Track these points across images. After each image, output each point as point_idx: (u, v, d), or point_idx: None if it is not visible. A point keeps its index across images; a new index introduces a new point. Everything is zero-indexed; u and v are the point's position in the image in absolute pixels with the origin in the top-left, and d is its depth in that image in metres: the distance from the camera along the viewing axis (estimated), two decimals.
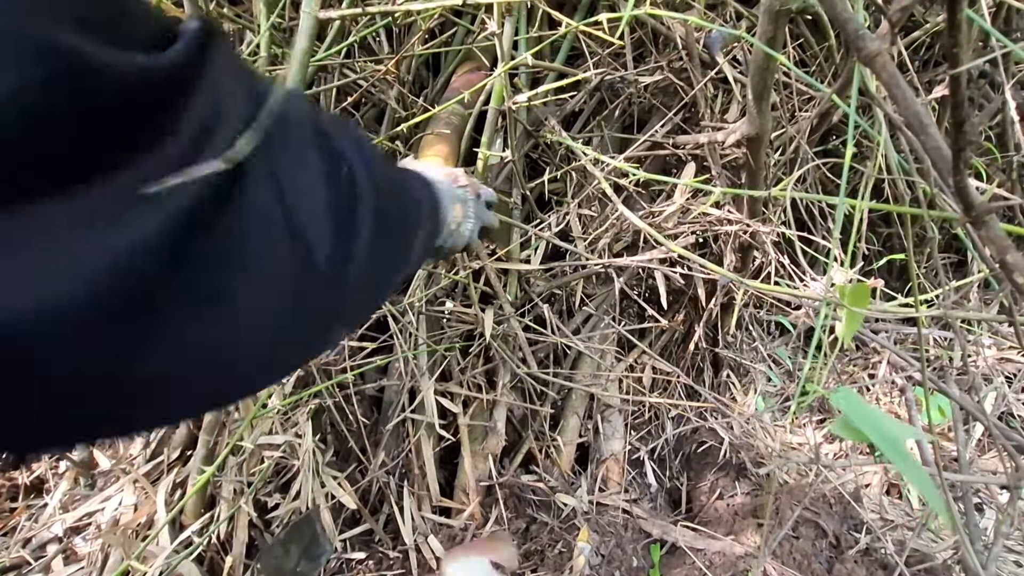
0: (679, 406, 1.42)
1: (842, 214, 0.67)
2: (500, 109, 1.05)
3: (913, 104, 0.35)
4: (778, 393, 1.59)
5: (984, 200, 0.35)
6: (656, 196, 1.34)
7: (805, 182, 1.45)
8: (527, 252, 1.30)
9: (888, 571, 1.10)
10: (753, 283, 0.88)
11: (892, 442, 0.45)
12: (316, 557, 0.86)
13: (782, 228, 1.26)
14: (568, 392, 1.39)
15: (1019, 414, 1.49)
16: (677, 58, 1.28)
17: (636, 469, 1.41)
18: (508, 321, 1.21)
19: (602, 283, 1.37)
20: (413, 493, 1.24)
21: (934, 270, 1.76)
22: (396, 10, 0.96)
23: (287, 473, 1.19)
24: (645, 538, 1.27)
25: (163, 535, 1.10)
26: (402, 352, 1.21)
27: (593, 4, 1.34)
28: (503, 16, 0.96)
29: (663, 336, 1.47)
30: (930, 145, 0.35)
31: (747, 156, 1.10)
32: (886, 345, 1.34)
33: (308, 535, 0.86)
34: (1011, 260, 0.35)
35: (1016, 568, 1.18)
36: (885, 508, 1.31)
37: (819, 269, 1.54)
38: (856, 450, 1.44)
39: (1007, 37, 0.87)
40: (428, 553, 1.18)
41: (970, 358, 1.61)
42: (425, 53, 1.19)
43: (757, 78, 0.92)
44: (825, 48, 1.35)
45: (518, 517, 1.27)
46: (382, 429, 1.26)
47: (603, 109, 1.37)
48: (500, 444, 1.30)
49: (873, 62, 0.35)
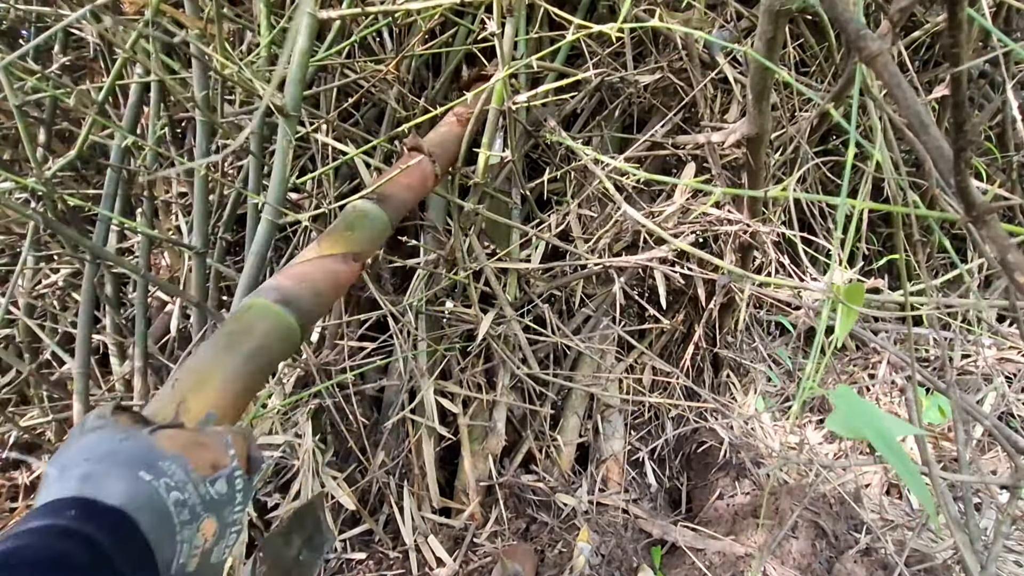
0: (679, 406, 1.42)
1: (843, 214, 0.67)
2: (500, 109, 1.05)
3: (914, 104, 0.35)
4: (778, 393, 1.58)
5: (985, 200, 0.35)
6: (656, 196, 1.34)
7: (805, 182, 1.45)
8: (527, 252, 1.30)
9: (888, 571, 1.10)
10: (757, 277, 0.88)
11: (887, 438, 0.45)
12: (318, 547, 0.86)
13: (782, 228, 1.26)
14: (568, 392, 1.39)
15: (1019, 414, 1.49)
16: (677, 58, 1.28)
17: (636, 469, 1.41)
18: (508, 322, 1.21)
19: (602, 283, 1.37)
20: (413, 493, 1.24)
21: (933, 269, 1.76)
22: (396, 10, 0.96)
23: (287, 473, 1.19)
24: (645, 538, 1.27)
25: None
26: (402, 352, 1.21)
27: (593, 4, 1.34)
28: (503, 16, 0.96)
29: (663, 336, 1.47)
30: (931, 145, 0.35)
31: (747, 156, 1.10)
32: (885, 345, 1.34)
33: (311, 524, 0.86)
34: (1012, 259, 0.35)
35: (1016, 568, 1.18)
36: (885, 508, 1.30)
37: (820, 269, 1.54)
38: (856, 450, 1.44)
39: (1007, 36, 0.87)
40: (428, 553, 1.18)
41: (969, 358, 1.62)
42: (425, 53, 1.19)
43: (757, 78, 0.92)
44: (825, 48, 1.35)
45: (518, 517, 1.27)
46: (382, 429, 1.26)
47: (603, 109, 1.37)
48: (500, 444, 1.30)
49: (874, 62, 0.35)
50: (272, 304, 0.60)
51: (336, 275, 0.69)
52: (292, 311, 0.60)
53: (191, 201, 1.15)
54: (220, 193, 1.15)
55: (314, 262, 0.68)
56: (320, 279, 0.66)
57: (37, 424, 1.29)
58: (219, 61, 0.87)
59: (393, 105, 1.18)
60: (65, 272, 1.36)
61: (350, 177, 1.27)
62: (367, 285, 1.19)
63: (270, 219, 0.88)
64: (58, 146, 1.29)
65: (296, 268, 0.67)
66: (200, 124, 1.05)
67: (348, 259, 0.70)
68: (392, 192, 0.83)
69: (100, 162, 1.29)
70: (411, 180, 0.87)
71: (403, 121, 1.12)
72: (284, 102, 0.85)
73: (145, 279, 1.14)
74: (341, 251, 0.70)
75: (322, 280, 0.67)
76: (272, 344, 0.58)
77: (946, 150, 0.35)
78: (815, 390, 0.59)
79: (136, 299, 1.17)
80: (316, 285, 0.65)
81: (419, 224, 1.30)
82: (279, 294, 0.61)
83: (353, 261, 0.71)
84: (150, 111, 1.13)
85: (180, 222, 1.33)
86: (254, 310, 0.59)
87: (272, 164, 0.88)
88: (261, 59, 0.98)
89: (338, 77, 1.16)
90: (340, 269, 0.69)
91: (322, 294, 0.66)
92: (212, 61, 0.89)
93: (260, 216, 0.89)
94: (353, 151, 1.05)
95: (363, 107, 1.31)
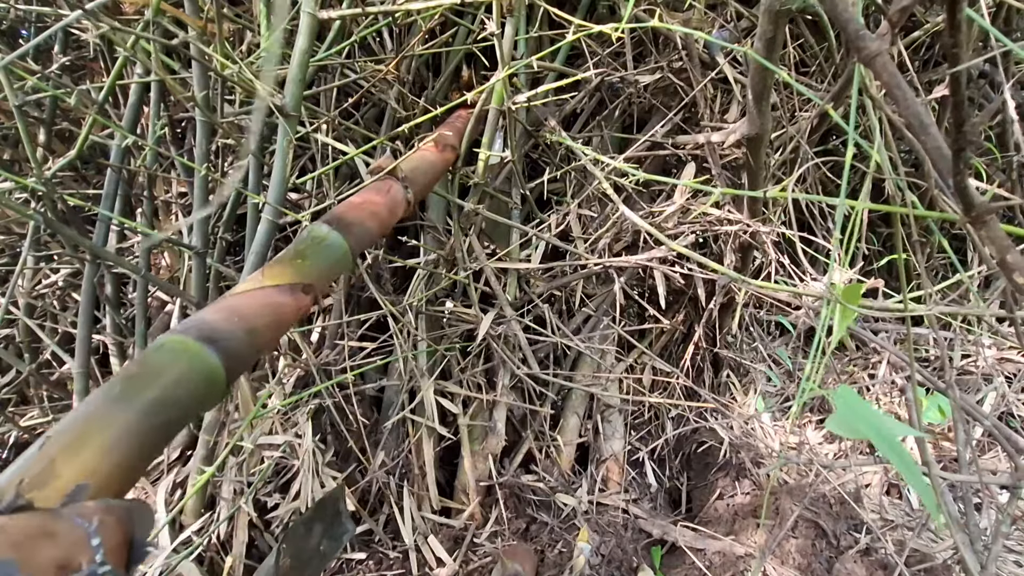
0: (679, 406, 1.42)
1: (842, 214, 0.67)
2: (500, 109, 1.05)
3: (913, 104, 0.35)
4: (778, 393, 1.58)
5: (985, 200, 0.35)
6: (656, 196, 1.33)
7: (805, 182, 1.45)
8: (527, 252, 1.30)
9: (888, 571, 1.10)
10: (754, 282, 0.88)
11: (887, 438, 0.45)
12: (338, 536, 0.87)
13: (782, 228, 1.26)
14: (568, 392, 1.39)
15: (1019, 414, 1.49)
16: (677, 58, 1.28)
17: (636, 469, 1.41)
18: (508, 322, 1.21)
19: (602, 283, 1.37)
20: (413, 493, 1.24)
21: (933, 270, 1.76)
22: (397, 10, 0.96)
23: (287, 473, 1.19)
24: (645, 538, 1.27)
25: (163, 535, 1.09)
26: (402, 352, 1.21)
27: (593, 4, 1.34)
28: (503, 16, 0.96)
29: (663, 336, 1.47)
30: (930, 145, 0.35)
31: (747, 156, 1.10)
32: (885, 345, 1.34)
33: (331, 514, 0.87)
34: (1011, 260, 0.35)
35: (1016, 568, 1.18)
36: (885, 508, 1.30)
37: (819, 269, 1.54)
38: (856, 450, 1.44)
39: (1007, 37, 0.87)
40: (428, 553, 1.18)
41: (969, 358, 1.62)
42: (425, 53, 1.19)
43: (757, 78, 0.92)
44: (825, 48, 1.35)
45: (518, 517, 1.27)
46: (382, 429, 1.26)
47: (603, 109, 1.37)
48: (500, 444, 1.30)
49: (874, 62, 0.35)
50: (191, 342, 0.49)
51: (279, 309, 0.58)
52: (217, 351, 0.50)
53: (191, 201, 1.16)
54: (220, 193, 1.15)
55: (253, 293, 0.58)
56: (257, 313, 0.56)
57: (37, 424, 1.29)
58: (219, 61, 0.87)
59: (393, 105, 1.18)
60: (65, 272, 1.36)
61: (350, 177, 1.27)
62: (367, 285, 1.19)
63: (271, 219, 0.88)
64: (58, 146, 1.29)
65: (229, 300, 0.57)
66: (200, 124, 1.05)
67: (296, 291, 0.60)
68: (355, 218, 0.71)
69: (100, 162, 1.29)
70: (379, 206, 0.76)
71: (403, 121, 1.12)
72: (284, 102, 0.85)
73: (145, 279, 1.14)
74: (288, 281, 0.60)
75: (260, 315, 0.56)
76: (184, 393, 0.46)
77: (945, 150, 0.35)
78: (815, 390, 0.59)
79: (136, 299, 1.18)
80: (251, 321, 0.55)
81: (419, 224, 1.30)
82: (202, 330, 0.50)
83: (302, 294, 0.61)
84: (150, 111, 1.13)
85: (180, 222, 1.33)
86: (166, 349, 0.48)
87: (272, 164, 0.88)
88: (261, 59, 0.98)
89: (338, 77, 1.16)
90: (284, 303, 0.59)
91: (258, 331, 0.55)
92: (212, 61, 0.89)
93: (260, 216, 0.89)
94: (353, 151, 1.05)
95: (363, 107, 1.31)
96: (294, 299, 0.60)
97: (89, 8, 0.77)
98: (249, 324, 0.54)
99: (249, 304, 0.56)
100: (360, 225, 0.71)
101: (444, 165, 0.93)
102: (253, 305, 0.56)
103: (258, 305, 0.57)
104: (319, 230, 0.67)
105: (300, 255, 0.64)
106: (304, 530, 0.84)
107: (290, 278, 0.60)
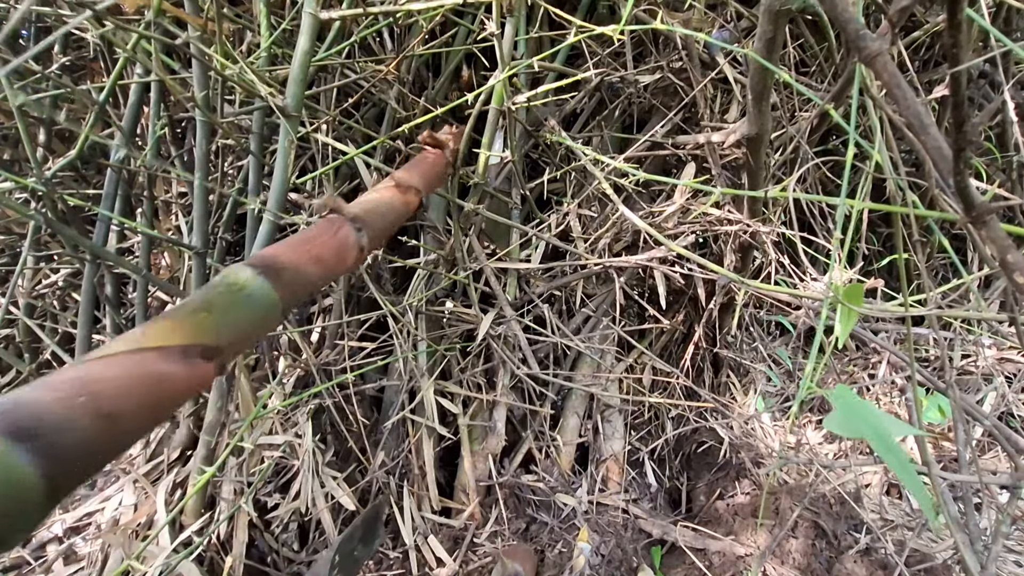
0: (679, 406, 1.42)
1: (842, 214, 0.67)
2: (500, 109, 1.05)
3: (914, 104, 0.35)
4: (778, 393, 1.59)
5: (985, 200, 0.35)
6: (656, 196, 1.34)
7: (805, 182, 1.45)
8: (527, 252, 1.30)
9: (888, 571, 1.10)
10: (754, 283, 0.88)
11: (883, 437, 0.45)
12: (370, 543, 0.93)
13: (782, 228, 1.26)
14: (568, 392, 1.39)
15: (1019, 414, 1.49)
16: (677, 58, 1.28)
17: (636, 469, 1.41)
18: (508, 322, 1.21)
19: (602, 283, 1.37)
20: (413, 493, 1.24)
21: (933, 269, 1.76)
22: (397, 10, 0.96)
23: (287, 473, 1.19)
24: (645, 538, 1.27)
25: (163, 535, 1.09)
26: (402, 352, 1.21)
27: (593, 4, 1.34)
28: (503, 16, 0.96)
29: (663, 336, 1.47)
30: (931, 145, 0.35)
31: (747, 156, 1.10)
32: (885, 345, 1.34)
33: (371, 523, 0.93)
34: (1011, 259, 0.35)
35: (1016, 568, 1.18)
36: (885, 508, 1.30)
37: (820, 269, 1.54)
38: (856, 450, 1.44)
39: (1007, 37, 0.88)
40: (428, 553, 1.18)
41: (969, 358, 1.62)
42: (426, 53, 1.19)
43: (757, 78, 0.92)
44: (825, 48, 1.35)
45: (518, 517, 1.27)
46: (382, 429, 1.26)
47: (603, 109, 1.37)
48: (500, 444, 1.30)
49: (874, 62, 0.35)
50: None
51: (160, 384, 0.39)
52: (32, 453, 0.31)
53: (191, 201, 1.16)
54: (220, 193, 1.15)
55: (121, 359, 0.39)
56: (122, 390, 0.37)
57: None
58: (219, 61, 0.87)
59: (393, 105, 1.18)
60: (65, 272, 1.36)
61: (350, 177, 1.27)
62: (367, 285, 1.19)
63: (271, 219, 0.88)
64: (58, 146, 1.29)
65: (81, 368, 0.37)
66: (200, 124, 1.05)
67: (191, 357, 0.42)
68: (291, 263, 0.54)
69: (100, 162, 1.29)
70: (322, 250, 0.59)
71: (403, 121, 1.12)
72: (286, 102, 0.85)
73: (145, 279, 1.14)
74: (180, 342, 0.41)
75: (126, 392, 0.37)
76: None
77: (946, 150, 0.35)
78: (815, 390, 0.59)
79: (136, 299, 1.18)
80: (109, 402, 0.36)
81: (419, 224, 1.30)
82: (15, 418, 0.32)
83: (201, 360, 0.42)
84: (150, 111, 1.13)
85: (180, 222, 1.33)
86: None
87: (272, 164, 0.88)
88: (261, 59, 0.98)
89: (338, 77, 1.16)
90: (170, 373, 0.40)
91: (120, 417, 0.36)
92: (212, 61, 0.89)
93: (260, 216, 0.89)
94: (353, 151, 1.05)
95: (363, 107, 1.31)
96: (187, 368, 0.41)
97: (99, 9, 0.77)
98: (104, 407, 0.35)
99: (113, 376, 0.37)
100: (295, 271, 0.54)
101: (405, 208, 0.79)
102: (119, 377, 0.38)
103: (127, 377, 0.38)
104: (238, 275, 0.49)
105: (206, 306, 0.45)
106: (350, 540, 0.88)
107: (184, 338, 0.42)
